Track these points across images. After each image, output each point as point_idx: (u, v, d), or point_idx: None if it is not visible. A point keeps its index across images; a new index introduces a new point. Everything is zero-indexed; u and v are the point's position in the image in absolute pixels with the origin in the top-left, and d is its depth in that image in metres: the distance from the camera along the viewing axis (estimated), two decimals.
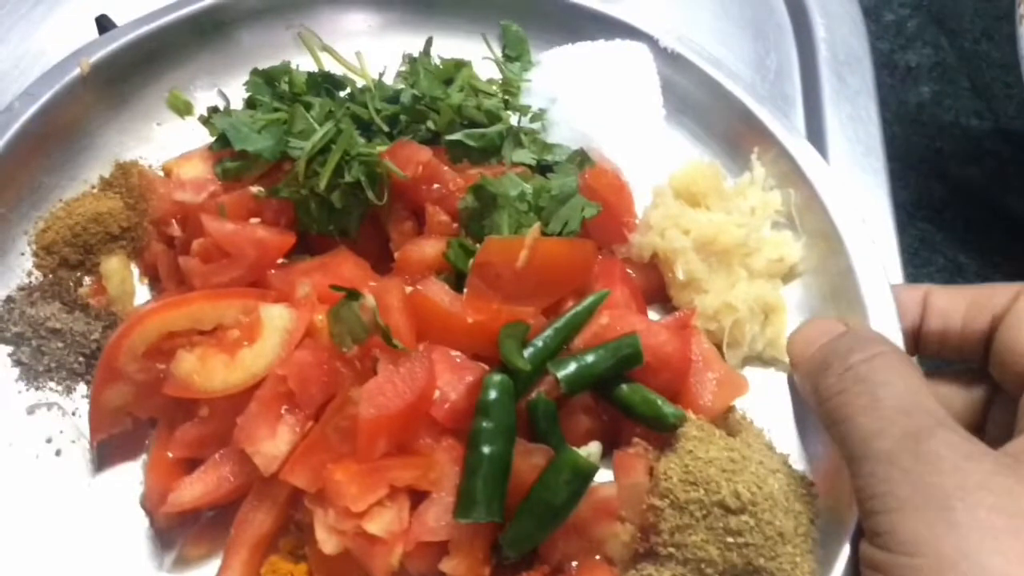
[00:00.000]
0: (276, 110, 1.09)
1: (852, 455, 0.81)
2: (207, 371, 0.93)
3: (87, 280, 1.09)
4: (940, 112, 1.39)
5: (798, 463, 0.99)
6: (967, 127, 1.37)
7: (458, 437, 0.92)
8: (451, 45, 1.25)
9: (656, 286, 1.10)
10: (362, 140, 1.07)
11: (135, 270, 1.11)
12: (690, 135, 1.21)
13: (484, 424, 0.89)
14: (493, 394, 0.90)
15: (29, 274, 1.08)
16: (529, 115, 1.19)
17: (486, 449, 0.88)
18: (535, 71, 1.25)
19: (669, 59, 1.22)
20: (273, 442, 0.90)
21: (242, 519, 0.92)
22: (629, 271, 1.09)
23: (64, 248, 1.08)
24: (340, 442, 0.90)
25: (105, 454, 0.99)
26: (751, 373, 1.07)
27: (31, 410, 1.01)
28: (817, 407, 0.89)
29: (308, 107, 1.09)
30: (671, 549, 0.92)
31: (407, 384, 0.90)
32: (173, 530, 0.96)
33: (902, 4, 1.50)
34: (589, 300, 1.01)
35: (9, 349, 1.03)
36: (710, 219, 1.08)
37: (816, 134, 1.29)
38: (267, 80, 1.13)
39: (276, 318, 0.96)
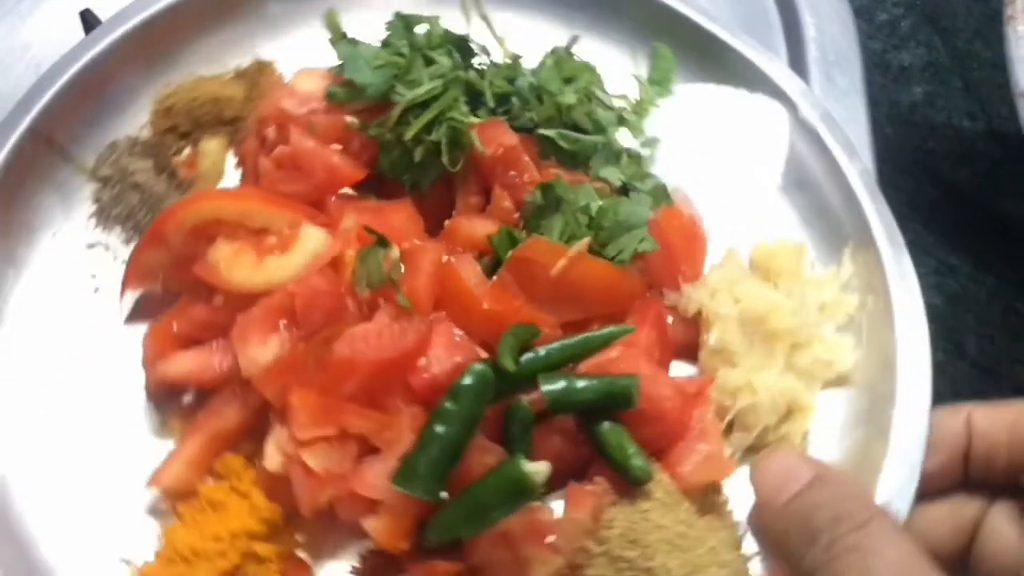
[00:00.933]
0: (400, 55, 1.12)
1: None
2: (234, 265, 0.98)
3: (186, 152, 1.17)
4: (932, 113, 1.36)
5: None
6: (959, 128, 1.34)
7: (428, 409, 0.93)
8: (597, 50, 1.25)
9: (691, 344, 1.06)
10: (466, 109, 1.09)
11: (232, 158, 1.18)
12: (796, 211, 1.15)
13: (449, 405, 0.89)
14: (468, 380, 0.90)
15: (141, 128, 1.16)
16: (643, 138, 1.17)
17: (440, 429, 0.88)
18: (668, 99, 1.22)
19: (803, 131, 1.16)
20: (261, 349, 0.94)
21: (211, 408, 0.97)
22: (670, 319, 1.06)
23: (178, 116, 1.16)
24: (315, 370, 0.92)
25: (137, 309, 1.06)
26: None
27: (91, 245, 1.09)
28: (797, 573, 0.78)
29: (430, 61, 1.12)
30: None
31: (392, 341, 0.92)
32: (161, 398, 1.02)
33: (895, 3, 1.45)
34: (609, 330, 0.99)
35: (95, 187, 1.12)
36: (768, 296, 1.03)
37: None
38: (406, 25, 1.16)
39: (311, 239, 0.99)
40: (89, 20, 1.20)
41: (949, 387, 1.01)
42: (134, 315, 1.06)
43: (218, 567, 0.88)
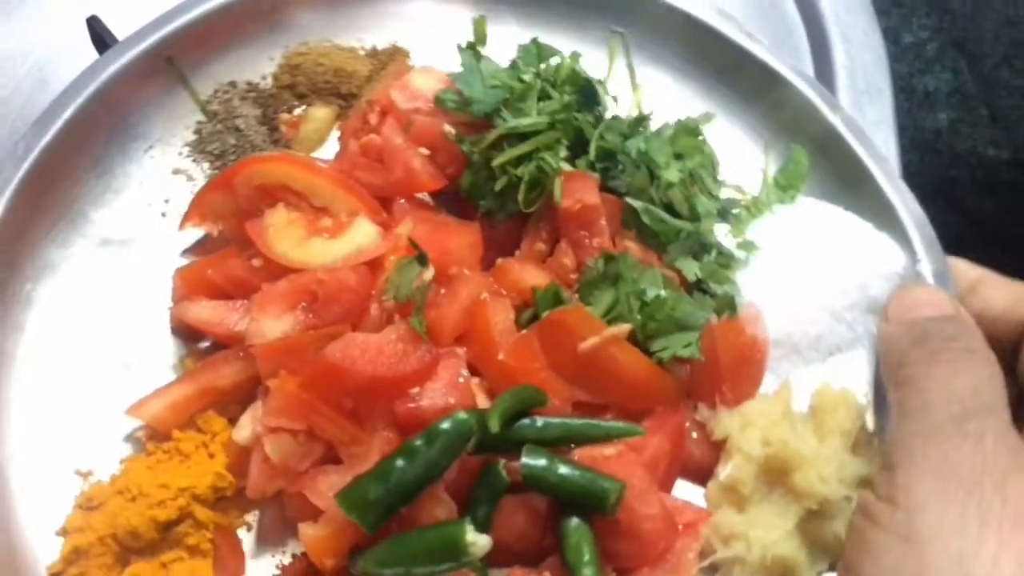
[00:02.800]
0: (520, 80, 1.09)
1: (901, 412, 0.81)
2: (282, 234, 0.98)
3: (296, 112, 1.18)
4: (957, 140, 1.32)
5: None
6: (984, 156, 1.30)
7: (403, 438, 0.89)
8: (731, 132, 1.17)
9: (710, 468, 0.98)
10: (565, 154, 1.05)
11: (336, 132, 1.18)
12: (873, 365, 1.04)
13: (419, 443, 0.85)
14: (447, 425, 0.86)
15: (263, 77, 1.18)
16: (742, 240, 1.09)
17: (401, 464, 0.85)
18: (787, 207, 1.13)
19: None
20: (273, 322, 0.94)
21: (209, 361, 0.97)
22: (694, 435, 0.98)
23: (300, 77, 1.18)
24: (309, 367, 0.90)
25: (190, 246, 1.08)
26: None
27: (176, 171, 1.12)
28: (891, 366, 0.86)
29: (546, 96, 1.08)
30: None
31: (391, 360, 0.89)
32: (181, 336, 1.03)
33: (922, 26, 1.34)
34: (618, 425, 0.93)
35: (201, 119, 1.15)
36: (802, 450, 0.93)
37: None
38: (539, 54, 1.13)
39: (362, 233, 0.98)
40: (96, 28, 1.18)
41: None
42: (189, 251, 1.08)
43: (153, 514, 0.88)
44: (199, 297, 1.00)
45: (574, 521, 0.88)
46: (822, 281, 1.07)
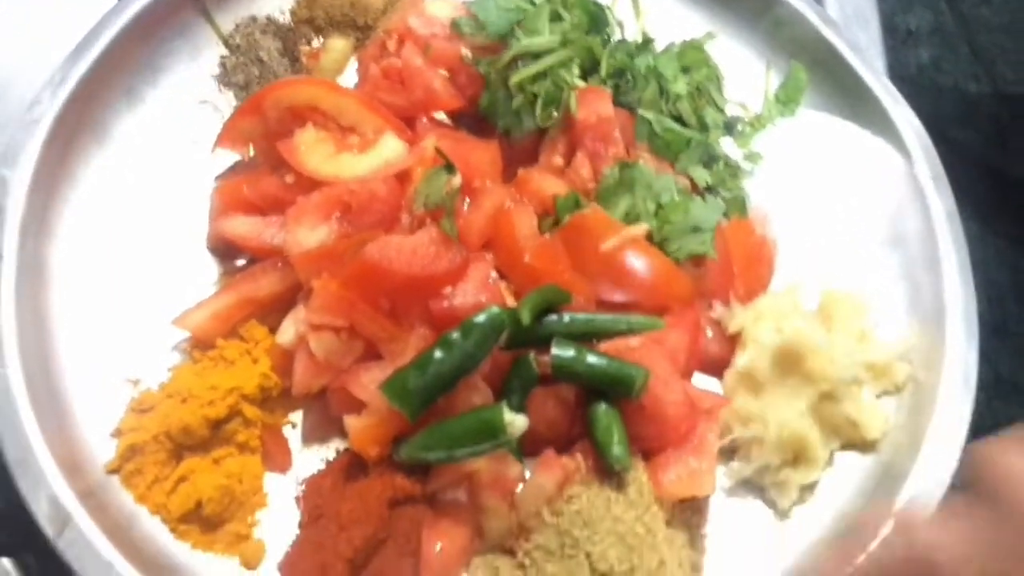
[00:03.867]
0: (532, 3, 1.14)
1: None
2: (313, 151, 1.03)
3: (315, 44, 1.22)
4: (939, 76, 1.35)
5: None
6: (965, 91, 1.32)
7: (438, 336, 0.94)
8: (734, 52, 1.23)
9: (725, 361, 1.03)
10: (577, 72, 1.10)
11: (354, 63, 1.22)
12: (881, 267, 1.10)
13: (455, 336, 0.90)
14: (482, 319, 0.91)
15: (282, 12, 1.23)
16: (747, 151, 1.15)
17: (439, 355, 0.90)
18: (789, 120, 1.19)
19: (913, 188, 1.11)
20: (309, 232, 0.98)
21: (250, 272, 1.02)
22: (709, 332, 1.04)
23: (318, 10, 1.22)
24: (348, 268, 0.95)
25: (222, 172, 1.12)
26: (745, 501, 0.99)
27: (203, 102, 1.16)
28: None
29: (557, 17, 1.12)
30: (526, 560, 0.89)
31: (424, 260, 0.94)
32: (218, 253, 1.08)
33: None
34: (640, 318, 0.98)
35: (225, 53, 1.19)
36: (813, 337, 0.99)
37: None
38: None
39: (388, 147, 1.03)
40: None
41: None
42: (221, 176, 1.12)
43: (205, 413, 0.93)
44: (236, 214, 1.04)
45: (602, 406, 0.94)
46: (825, 187, 1.13)
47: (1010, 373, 1.20)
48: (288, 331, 0.96)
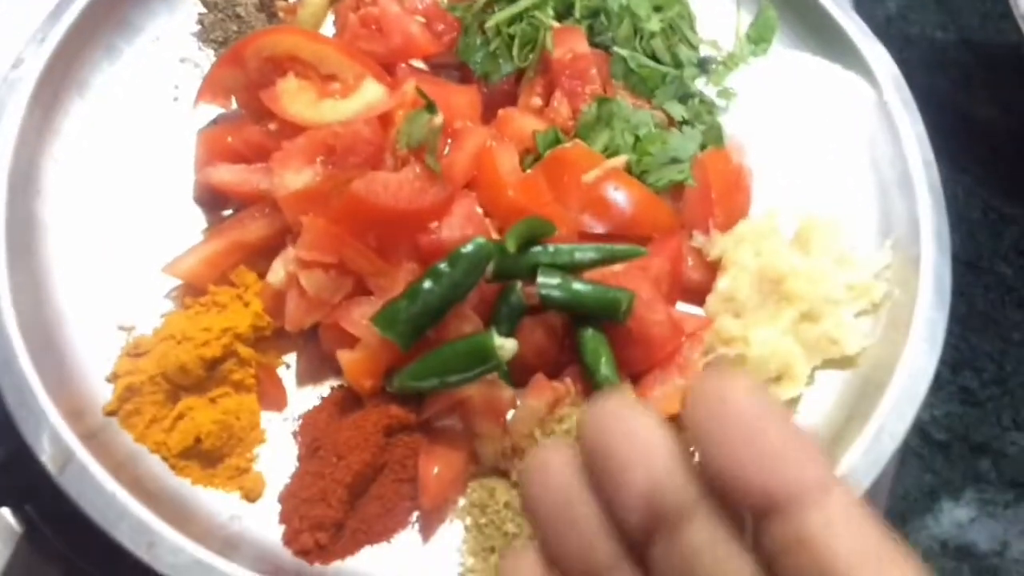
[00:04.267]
0: None
1: None
2: (295, 99, 1.04)
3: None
4: (907, 25, 1.43)
5: None
6: (933, 39, 1.42)
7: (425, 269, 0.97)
8: None
9: (707, 290, 1.06)
10: (552, 14, 1.12)
11: (331, 16, 1.24)
12: (852, 190, 1.13)
13: (443, 267, 0.92)
14: (469, 248, 0.93)
15: None
16: (721, 89, 1.17)
17: (428, 285, 0.92)
18: (760, 59, 1.21)
19: (883, 115, 1.14)
20: (295, 176, 1.00)
21: (238, 218, 1.03)
22: (690, 261, 1.06)
23: None
24: (335, 205, 0.97)
25: (204, 126, 1.14)
26: None
27: (183, 60, 1.18)
28: None
29: None
30: (518, 480, 0.91)
31: (409, 195, 0.96)
32: (205, 203, 1.09)
33: None
34: (623, 247, 1.00)
35: (202, 10, 1.20)
36: (791, 259, 1.02)
37: None
38: None
39: (370, 91, 1.04)
40: None
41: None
42: (203, 130, 1.14)
43: (200, 353, 0.94)
44: (221, 162, 1.06)
45: (589, 331, 0.96)
46: (798, 119, 1.16)
47: (984, 306, 1.24)
48: (278, 271, 0.98)
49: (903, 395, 0.96)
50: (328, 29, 1.22)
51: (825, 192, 1.12)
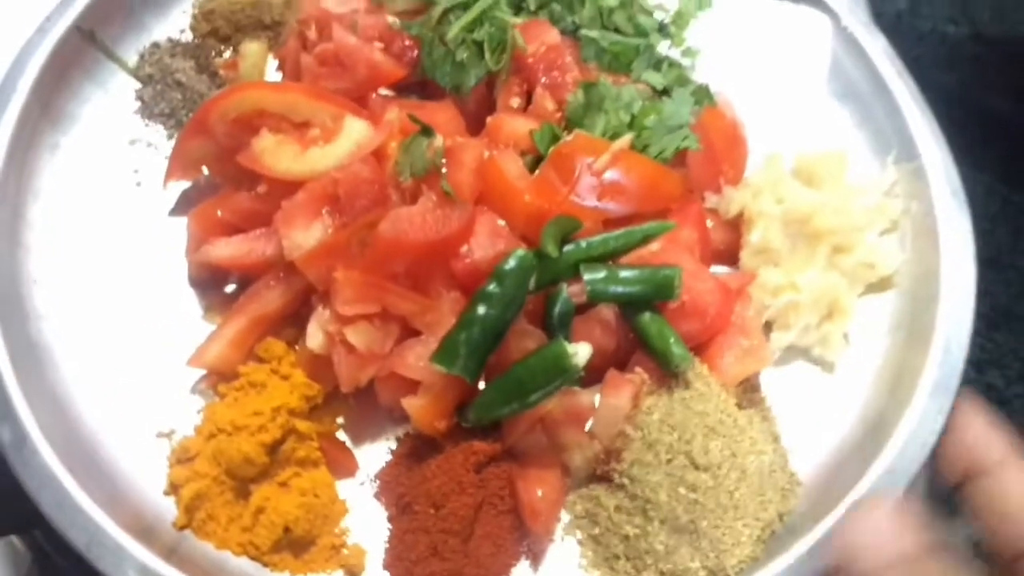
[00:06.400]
0: None
1: None
2: (278, 154, 0.98)
3: (227, 54, 1.17)
4: (918, 21, 1.42)
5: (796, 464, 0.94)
6: (944, 33, 1.40)
7: (468, 295, 0.93)
8: None
9: (731, 248, 1.06)
10: (507, 11, 1.09)
11: (272, 62, 1.18)
12: (839, 120, 1.15)
13: (491, 288, 0.89)
14: (511, 264, 0.90)
15: (182, 31, 1.17)
16: (684, 47, 1.17)
17: (482, 310, 0.88)
18: (708, 11, 1.21)
19: (847, 41, 1.15)
20: (304, 233, 0.95)
21: (254, 291, 0.97)
22: (709, 222, 1.06)
23: (219, 20, 1.17)
24: (359, 254, 0.92)
25: (179, 203, 1.07)
26: (791, 366, 1.01)
27: (132, 142, 1.10)
28: None
29: None
30: (625, 480, 0.89)
31: (436, 224, 0.92)
32: (203, 284, 1.03)
33: None
34: (651, 225, 0.99)
35: (138, 86, 1.12)
36: (812, 197, 1.02)
37: None
38: None
39: (355, 130, 1.00)
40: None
41: None
42: (177, 208, 1.07)
43: (259, 440, 0.89)
44: (217, 238, 0.99)
45: (647, 315, 0.94)
46: (764, 62, 1.17)
47: (1007, 303, 1.25)
48: (316, 335, 0.93)
49: (956, 303, 0.97)
50: (271, 76, 1.16)
51: (810, 127, 1.14)
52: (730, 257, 1.06)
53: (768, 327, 1.02)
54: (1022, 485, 0.70)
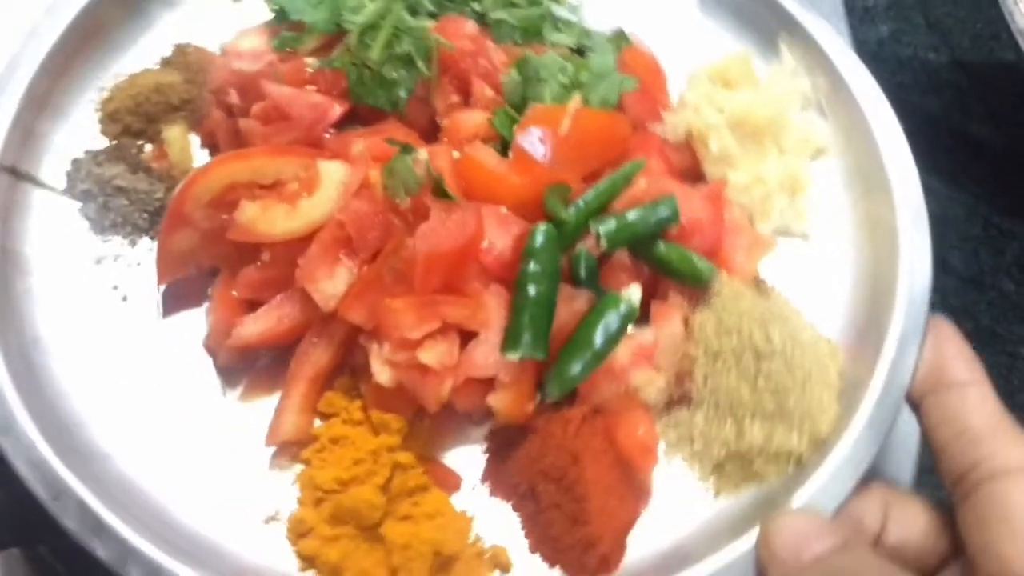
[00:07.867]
0: None
1: None
2: (269, 218, 0.99)
3: (149, 147, 1.14)
4: (899, 48, 1.50)
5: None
6: (925, 60, 1.49)
7: (505, 285, 0.98)
8: None
9: (689, 165, 1.15)
10: (423, 17, 1.13)
11: (195, 139, 1.16)
12: (722, 27, 1.26)
13: (531, 267, 0.94)
14: (540, 239, 0.95)
15: (93, 139, 1.13)
16: (567, 6, 1.24)
17: (532, 290, 0.94)
18: None
19: None
20: (332, 281, 0.96)
21: (301, 355, 0.98)
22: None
23: (127, 116, 1.14)
24: (393, 283, 0.95)
25: (170, 302, 1.05)
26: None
27: (99, 260, 1.06)
28: None
29: None
30: (705, 394, 0.97)
31: (458, 228, 0.96)
32: (236, 369, 1.02)
33: None
34: (626, 166, 1.06)
35: (78, 205, 1.08)
36: (743, 98, 1.13)
37: None
38: None
39: (333, 172, 1.01)
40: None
41: (938, 300, 1.11)
42: (168, 309, 1.05)
43: (374, 484, 0.91)
44: (241, 319, 0.99)
45: (662, 246, 1.01)
46: None
47: (989, 323, 1.30)
48: (383, 371, 0.94)
49: (888, 134, 1.10)
50: (201, 155, 1.15)
51: (704, 41, 1.25)
52: (692, 175, 1.15)
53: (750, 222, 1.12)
54: (983, 403, 0.86)
